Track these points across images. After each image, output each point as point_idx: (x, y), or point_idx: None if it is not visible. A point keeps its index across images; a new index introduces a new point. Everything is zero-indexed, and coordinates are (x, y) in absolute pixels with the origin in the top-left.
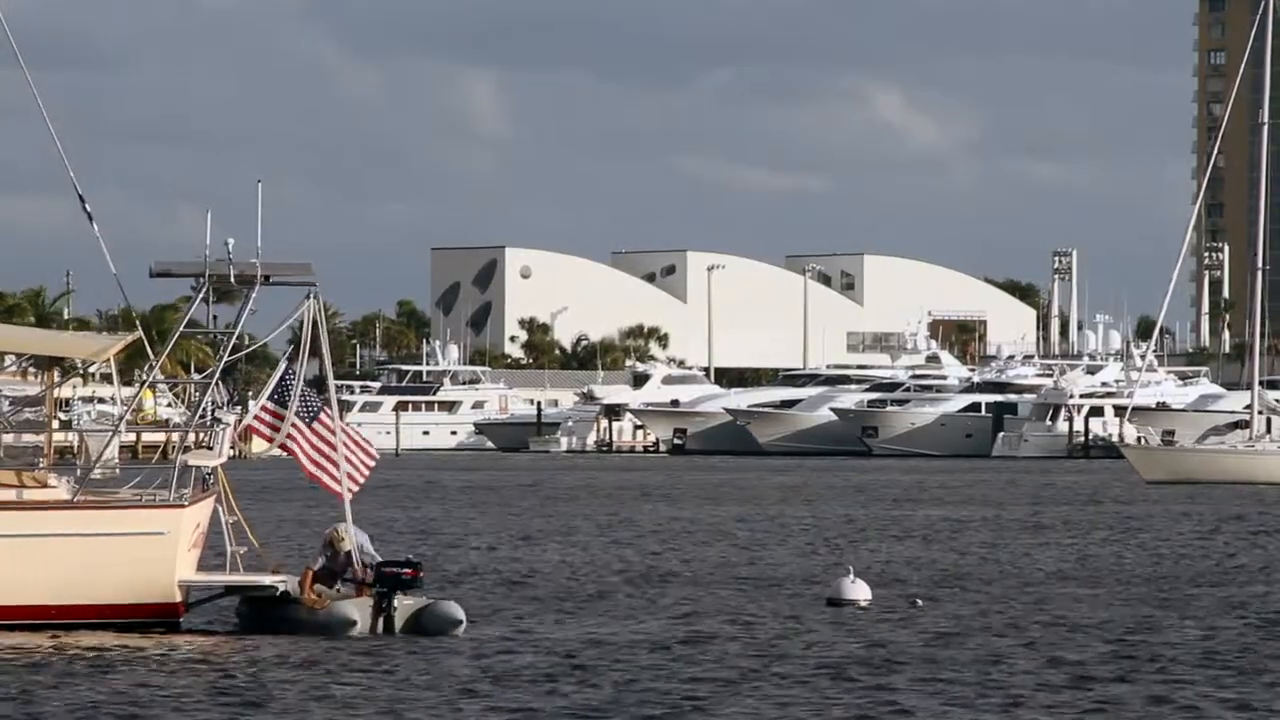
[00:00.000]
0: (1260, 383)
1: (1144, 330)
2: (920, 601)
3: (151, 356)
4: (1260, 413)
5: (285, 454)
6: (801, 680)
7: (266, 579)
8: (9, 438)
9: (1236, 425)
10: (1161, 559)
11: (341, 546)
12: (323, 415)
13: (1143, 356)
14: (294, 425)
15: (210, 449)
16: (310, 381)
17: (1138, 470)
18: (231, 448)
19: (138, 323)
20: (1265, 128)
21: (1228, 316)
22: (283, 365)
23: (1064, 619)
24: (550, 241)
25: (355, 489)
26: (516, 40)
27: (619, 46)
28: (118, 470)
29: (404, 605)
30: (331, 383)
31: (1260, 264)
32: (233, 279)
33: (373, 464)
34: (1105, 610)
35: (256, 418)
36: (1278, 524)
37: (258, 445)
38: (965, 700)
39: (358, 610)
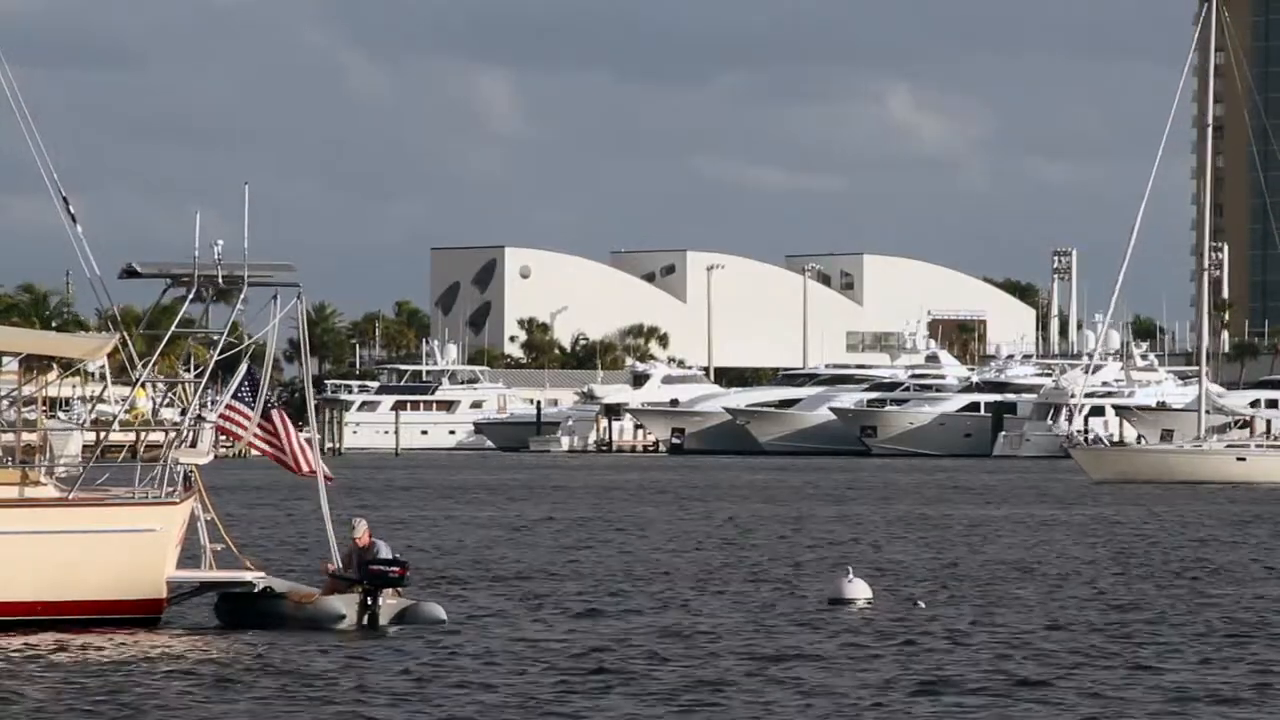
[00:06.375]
0: (1260, 382)
1: (1140, 330)
2: (922, 603)
3: (123, 358)
4: (1208, 412)
5: (257, 451)
6: (800, 679)
7: (247, 575)
8: (8, 437)
9: (1237, 425)
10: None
11: (352, 534)
12: (273, 414)
13: (1109, 356)
14: (261, 424)
15: (193, 447)
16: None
17: (1085, 470)
18: (229, 446)
19: (110, 324)
20: (1210, 129)
21: (1226, 315)
22: (244, 365)
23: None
24: (550, 241)
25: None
26: (520, 41)
27: (620, 47)
28: (81, 469)
29: (388, 604)
30: (309, 382)
31: (1206, 265)
32: (220, 280)
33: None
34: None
35: (223, 416)
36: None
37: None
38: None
39: (345, 605)
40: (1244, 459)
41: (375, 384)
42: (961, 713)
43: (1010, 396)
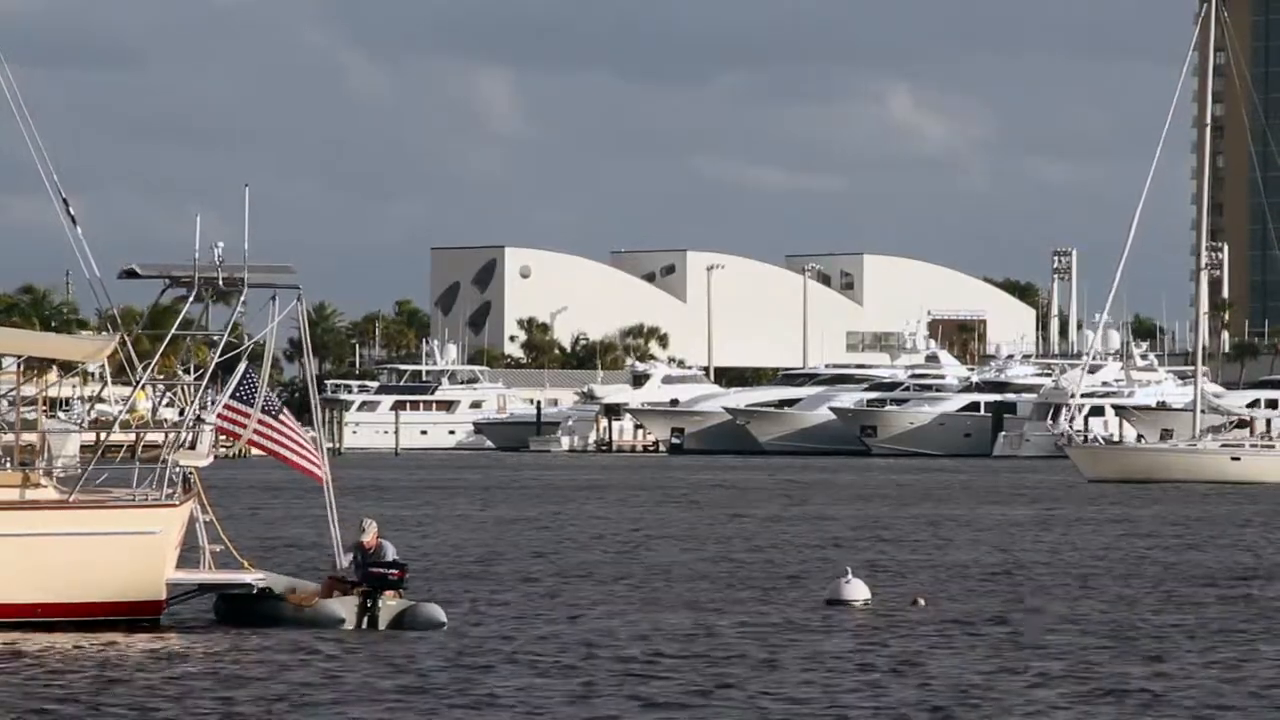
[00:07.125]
0: (1260, 382)
1: (1140, 330)
2: (921, 600)
3: (123, 360)
4: (1204, 412)
5: (258, 450)
6: (798, 681)
7: (246, 576)
8: (7, 438)
9: (1238, 425)
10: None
11: (361, 537)
12: (282, 414)
13: (1086, 356)
14: (261, 421)
15: (192, 449)
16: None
17: (1080, 469)
18: (229, 445)
19: (110, 325)
20: (1209, 129)
21: (1226, 315)
22: (242, 365)
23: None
24: (550, 241)
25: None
26: (520, 41)
27: (620, 47)
28: (80, 470)
29: (388, 606)
30: (312, 383)
31: (1204, 265)
32: (220, 282)
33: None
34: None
35: (220, 415)
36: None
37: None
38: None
39: (344, 608)
40: (1239, 459)
41: (375, 384)
42: (962, 711)
43: (1010, 396)
